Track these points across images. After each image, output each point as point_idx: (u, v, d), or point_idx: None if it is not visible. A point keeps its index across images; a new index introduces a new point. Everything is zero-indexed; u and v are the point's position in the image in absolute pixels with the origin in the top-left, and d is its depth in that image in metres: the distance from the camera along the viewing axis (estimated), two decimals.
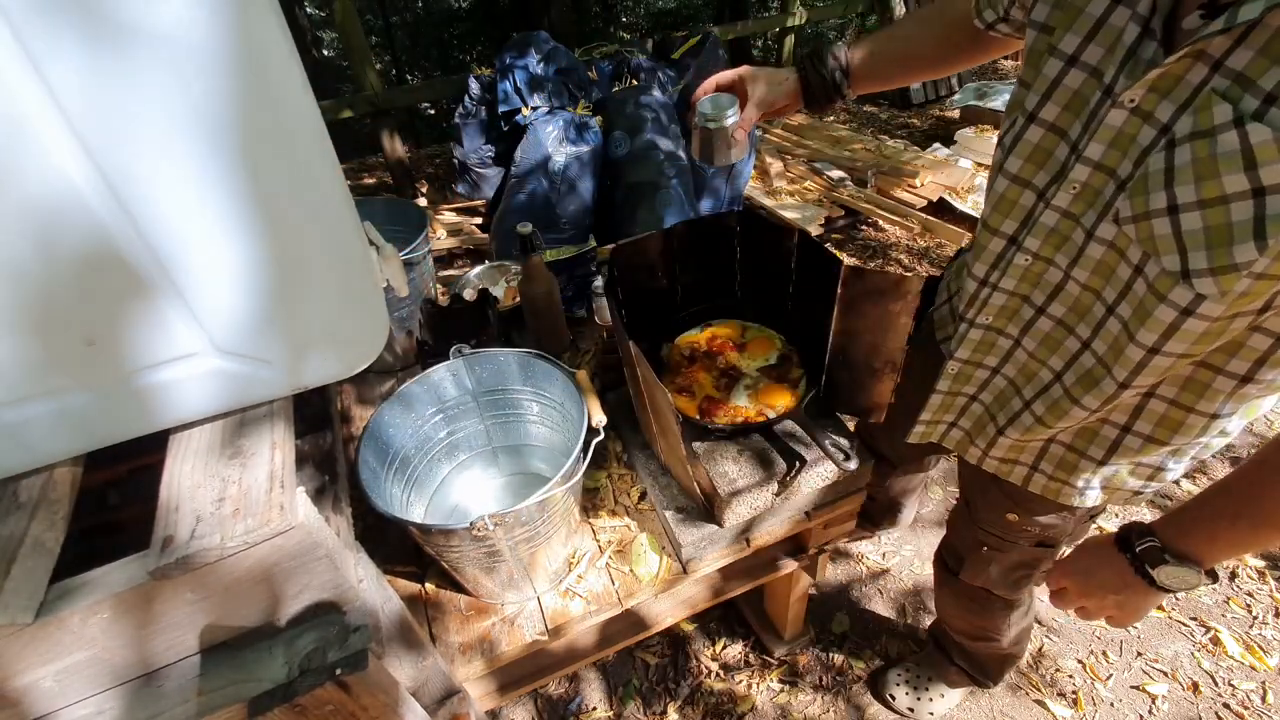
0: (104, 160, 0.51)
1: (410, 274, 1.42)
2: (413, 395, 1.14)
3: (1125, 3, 0.66)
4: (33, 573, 0.56)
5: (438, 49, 10.01)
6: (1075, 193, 0.73)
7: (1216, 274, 0.60)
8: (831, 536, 1.35)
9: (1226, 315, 0.64)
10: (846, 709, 1.73)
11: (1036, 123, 0.75)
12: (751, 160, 3.54)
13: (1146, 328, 0.69)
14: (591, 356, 1.55)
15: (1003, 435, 0.93)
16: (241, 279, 0.61)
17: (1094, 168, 0.70)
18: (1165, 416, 0.79)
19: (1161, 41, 0.63)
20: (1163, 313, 0.67)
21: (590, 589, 1.14)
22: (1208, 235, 0.60)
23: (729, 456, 1.15)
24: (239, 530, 0.58)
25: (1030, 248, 0.80)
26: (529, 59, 3.39)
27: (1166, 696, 1.72)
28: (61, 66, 0.47)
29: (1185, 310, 0.65)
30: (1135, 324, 0.70)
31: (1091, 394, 0.79)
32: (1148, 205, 0.64)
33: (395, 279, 0.81)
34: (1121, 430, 0.83)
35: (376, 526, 1.21)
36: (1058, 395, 0.83)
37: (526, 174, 3.20)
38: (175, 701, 0.62)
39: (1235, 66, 0.57)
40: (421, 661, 0.87)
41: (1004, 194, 0.81)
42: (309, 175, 0.60)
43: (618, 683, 1.81)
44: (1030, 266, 0.81)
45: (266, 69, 0.53)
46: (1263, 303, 0.63)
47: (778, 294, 1.30)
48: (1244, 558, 2.02)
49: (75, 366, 0.58)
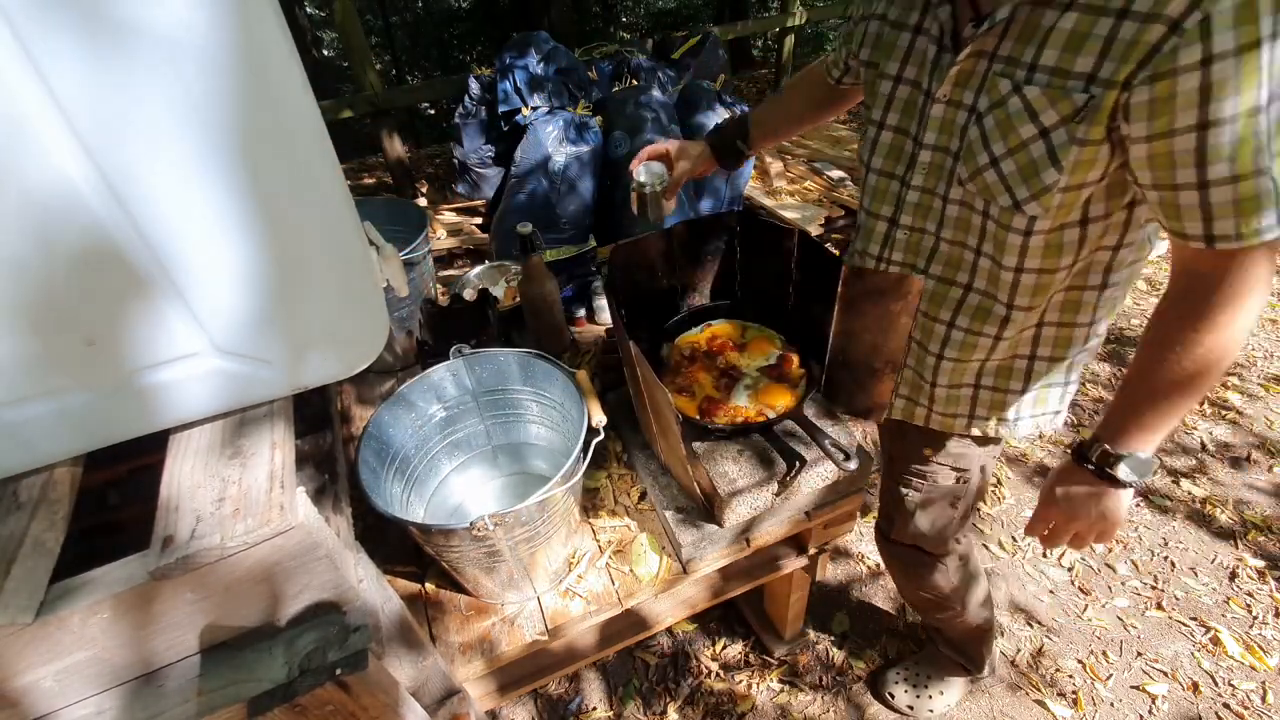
0: (104, 160, 0.51)
1: (410, 274, 1.42)
2: (413, 395, 1.14)
3: (923, 33, 0.92)
4: (33, 573, 0.56)
5: (438, 49, 10.01)
6: (925, 172, 0.97)
7: (1037, 197, 0.84)
8: (831, 536, 1.35)
9: (1056, 227, 0.87)
10: (846, 709, 1.73)
11: (885, 129, 1.00)
12: (751, 160, 3.54)
13: (1006, 254, 0.91)
14: (591, 356, 1.55)
15: (936, 388, 1.09)
16: (241, 279, 0.61)
17: (933, 150, 0.94)
18: (1057, 336, 1.00)
19: (953, 51, 0.88)
20: (1012, 239, 0.90)
21: (590, 589, 1.14)
22: (1022, 172, 0.84)
23: (729, 456, 1.15)
24: (239, 530, 0.58)
25: (905, 223, 1.03)
26: (529, 59, 3.39)
27: (1166, 696, 1.72)
28: (62, 67, 0.47)
29: (1027, 232, 0.88)
30: (998, 254, 0.93)
31: (988, 323, 0.99)
32: (977, 164, 0.88)
33: (395, 279, 0.81)
34: (1029, 359, 1.03)
35: (376, 526, 1.21)
36: (959, 338, 1.03)
37: (526, 174, 3.20)
38: (175, 701, 0.62)
39: (1004, 53, 0.81)
40: (421, 661, 0.87)
41: (876, 186, 1.05)
42: (309, 175, 0.60)
43: (618, 683, 1.81)
44: (909, 239, 1.03)
45: (266, 69, 0.53)
46: (1079, 213, 0.86)
47: (778, 294, 1.31)
48: (1244, 558, 2.03)
49: (75, 366, 0.58)
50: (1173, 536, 2.13)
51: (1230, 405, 2.58)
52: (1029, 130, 0.81)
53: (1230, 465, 2.35)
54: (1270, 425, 2.49)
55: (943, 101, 0.90)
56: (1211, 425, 2.51)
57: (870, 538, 2.16)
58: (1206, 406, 2.58)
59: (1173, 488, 2.28)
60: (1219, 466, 2.35)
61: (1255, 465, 2.35)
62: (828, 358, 1.19)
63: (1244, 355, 2.83)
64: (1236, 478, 2.31)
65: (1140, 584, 2.00)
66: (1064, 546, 0.98)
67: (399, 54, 10.07)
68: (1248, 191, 0.72)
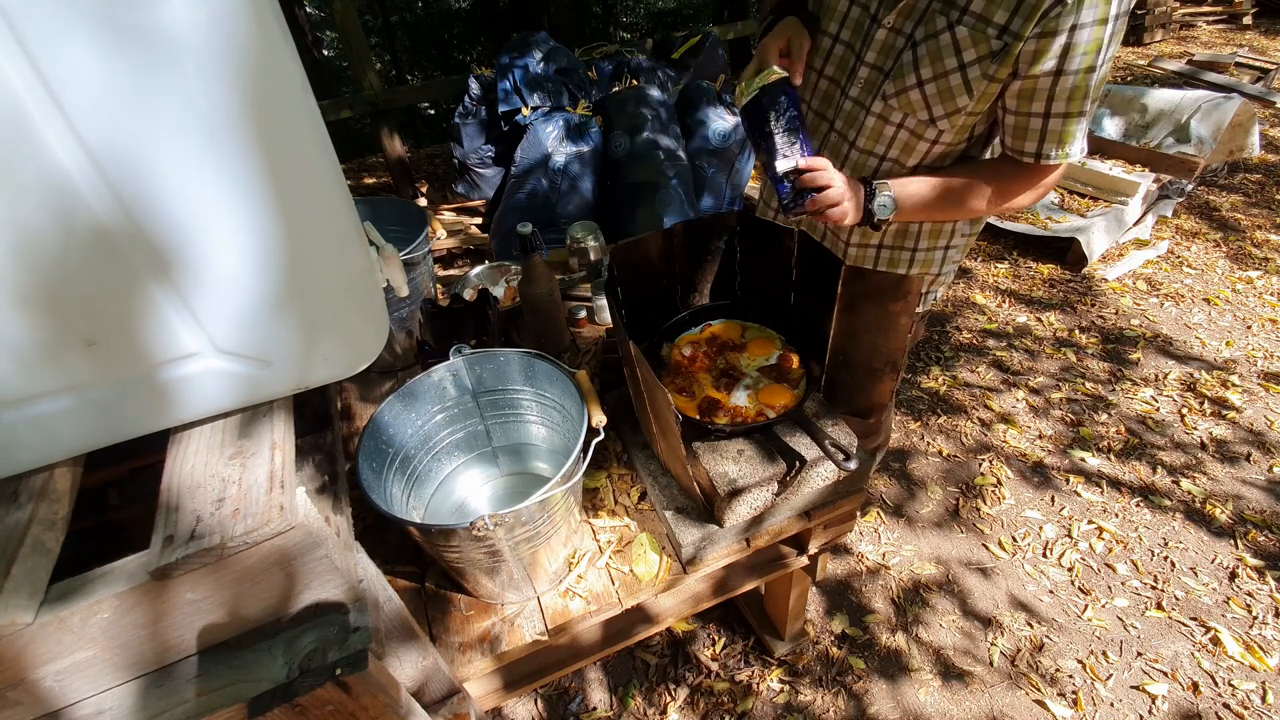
0: (103, 160, 0.51)
1: (410, 274, 1.42)
2: (413, 395, 1.14)
3: None
4: (33, 572, 0.56)
5: (438, 49, 10.01)
6: (861, 86, 1.17)
7: (949, 116, 1.10)
8: (831, 536, 1.35)
9: (957, 140, 1.15)
10: (846, 708, 1.73)
11: (839, 43, 1.18)
12: (752, 159, 3.54)
13: (911, 157, 1.18)
14: (591, 356, 1.55)
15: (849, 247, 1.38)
16: (242, 279, 0.61)
17: (870, 67, 1.14)
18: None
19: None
20: (920, 145, 1.16)
21: (590, 589, 1.14)
22: (941, 96, 1.07)
23: (729, 456, 1.15)
24: (239, 530, 0.58)
25: (839, 128, 1.24)
26: (529, 59, 3.39)
27: (1166, 696, 1.72)
28: (62, 68, 0.47)
29: (934, 141, 1.15)
30: (903, 157, 1.19)
31: None
32: (905, 84, 1.09)
33: (395, 279, 0.81)
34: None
35: (376, 526, 1.21)
36: None
37: (526, 173, 3.20)
38: (175, 701, 0.62)
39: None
40: (422, 661, 0.87)
41: (826, 91, 1.25)
42: (309, 175, 0.60)
43: (618, 683, 1.81)
44: (837, 143, 1.25)
45: (266, 69, 0.53)
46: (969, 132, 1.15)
47: (778, 294, 1.30)
48: (1244, 558, 2.03)
49: (76, 367, 0.58)
50: (1172, 536, 2.13)
51: (1230, 405, 2.58)
52: (952, 62, 1.03)
53: (1230, 465, 2.35)
54: (1270, 425, 2.49)
55: (887, 27, 1.09)
56: (1211, 425, 2.51)
57: (870, 538, 2.17)
58: (1206, 406, 2.58)
59: (1172, 487, 2.28)
60: (1219, 466, 2.35)
61: (1255, 464, 2.35)
62: (828, 358, 1.19)
63: (1243, 354, 2.84)
64: (1236, 477, 2.31)
65: (1140, 584, 2.00)
66: (818, 215, 1.13)
67: (399, 54, 10.06)
68: (1070, 126, 1.03)
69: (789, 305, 1.30)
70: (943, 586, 2.02)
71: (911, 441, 2.52)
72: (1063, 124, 1.03)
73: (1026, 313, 3.17)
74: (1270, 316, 3.05)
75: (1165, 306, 3.17)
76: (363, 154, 5.26)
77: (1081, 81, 0.98)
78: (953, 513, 2.24)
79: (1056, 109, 1.02)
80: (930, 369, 2.86)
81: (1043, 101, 1.02)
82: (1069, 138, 1.05)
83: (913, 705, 1.73)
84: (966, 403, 2.67)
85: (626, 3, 10.94)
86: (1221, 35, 7.25)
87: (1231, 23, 7.49)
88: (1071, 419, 2.57)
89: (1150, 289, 3.29)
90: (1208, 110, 3.79)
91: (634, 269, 1.28)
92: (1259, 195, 4.04)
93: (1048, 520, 2.20)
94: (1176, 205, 3.86)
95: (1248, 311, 3.10)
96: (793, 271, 1.25)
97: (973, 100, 1.05)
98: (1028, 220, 3.65)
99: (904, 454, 2.47)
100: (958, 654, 1.84)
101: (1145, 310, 3.15)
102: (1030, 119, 1.05)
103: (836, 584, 2.03)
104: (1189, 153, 3.72)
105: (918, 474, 2.39)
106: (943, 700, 1.74)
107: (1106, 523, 2.17)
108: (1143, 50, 6.84)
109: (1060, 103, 1.01)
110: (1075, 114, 1.01)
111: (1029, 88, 1.02)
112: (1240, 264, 3.44)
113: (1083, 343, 2.96)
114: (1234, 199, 4.01)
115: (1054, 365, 2.84)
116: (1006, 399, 2.68)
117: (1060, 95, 1.00)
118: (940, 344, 3.01)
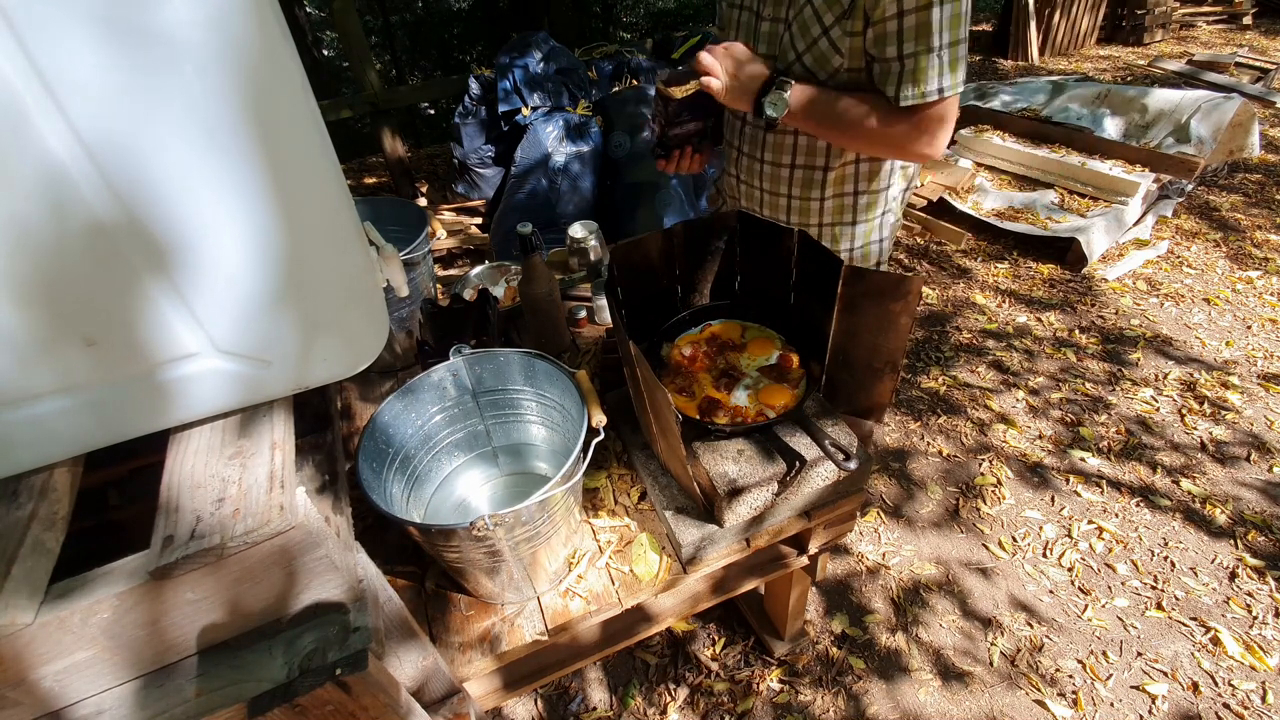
0: (104, 161, 0.51)
1: (410, 274, 1.42)
2: (413, 395, 1.14)
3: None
4: (33, 572, 0.56)
5: (438, 49, 10.00)
6: None
7: (833, 76, 1.20)
8: (831, 536, 1.35)
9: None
10: (846, 708, 1.73)
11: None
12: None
13: None
14: (591, 356, 1.55)
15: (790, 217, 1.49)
16: (242, 279, 0.61)
17: (764, 58, 1.24)
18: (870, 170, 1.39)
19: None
20: None
21: (590, 589, 1.14)
22: (818, 62, 1.20)
23: (729, 456, 1.15)
24: (239, 530, 0.58)
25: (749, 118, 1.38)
26: (529, 59, 3.39)
27: (1166, 696, 1.72)
28: (61, 67, 0.47)
29: None
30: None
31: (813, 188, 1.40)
32: (788, 60, 1.23)
33: (395, 279, 0.81)
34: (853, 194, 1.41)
35: (376, 526, 1.21)
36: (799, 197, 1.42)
37: (526, 173, 3.20)
38: (175, 701, 0.61)
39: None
40: (422, 661, 0.87)
41: None
42: (309, 175, 0.60)
43: (618, 682, 1.81)
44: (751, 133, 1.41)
45: (266, 68, 0.53)
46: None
47: (778, 294, 1.30)
48: (1244, 558, 2.03)
49: (76, 366, 0.58)
50: (1172, 536, 2.13)
51: (1230, 405, 2.58)
52: (817, 30, 1.16)
53: (1229, 465, 2.35)
54: (1270, 425, 2.49)
55: (768, 19, 1.25)
56: (1211, 425, 2.51)
57: (870, 538, 2.17)
58: (1206, 406, 2.58)
59: (1172, 488, 2.28)
60: (1218, 466, 2.35)
61: (1254, 465, 2.35)
62: (828, 358, 1.19)
63: (1243, 355, 2.84)
64: (1236, 477, 2.31)
65: (1140, 584, 2.00)
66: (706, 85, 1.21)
67: (399, 54, 10.05)
68: (921, 63, 1.09)
69: (789, 305, 1.30)
70: (942, 587, 2.02)
71: (911, 441, 2.52)
72: (915, 63, 1.09)
73: (1026, 313, 3.17)
74: (1270, 317, 3.05)
75: (1165, 307, 3.17)
76: (363, 154, 5.26)
77: (924, 18, 1.05)
78: (952, 513, 2.25)
79: (906, 49, 1.09)
80: (930, 369, 2.86)
81: (894, 44, 1.09)
82: (921, 75, 1.10)
83: (912, 705, 1.73)
84: (966, 403, 2.67)
85: (626, 3, 10.93)
86: (1221, 35, 7.25)
87: (1231, 23, 7.50)
88: (1071, 419, 2.57)
89: (1150, 289, 3.29)
90: (1208, 110, 3.80)
91: (634, 269, 1.27)
92: (1259, 195, 4.04)
93: (1047, 520, 2.20)
94: (1176, 205, 3.86)
95: (1247, 312, 3.10)
96: (793, 271, 1.25)
97: (845, 58, 1.16)
98: (1028, 220, 3.65)
99: (904, 454, 2.47)
100: (957, 654, 1.84)
101: (1145, 310, 3.15)
102: (890, 64, 1.12)
103: (836, 584, 2.03)
104: (1189, 153, 3.72)
105: (917, 474, 2.39)
106: (942, 700, 1.74)
107: (1106, 523, 2.17)
108: (1143, 50, 6.85)
109: (910, 43, 1.08)
110: (924, 51, 1.08)
111: (880, 33, 1.10)
112: (1240, 264, 3.44)
113: (1082, 343, 2.96)
114: (1234, 199, 4.01)
115: (1054, 365, 2.84)
116: (1006, 399, 2.68)
117: (908, 35, 1.07)
118: (940, 344, 3.01)
